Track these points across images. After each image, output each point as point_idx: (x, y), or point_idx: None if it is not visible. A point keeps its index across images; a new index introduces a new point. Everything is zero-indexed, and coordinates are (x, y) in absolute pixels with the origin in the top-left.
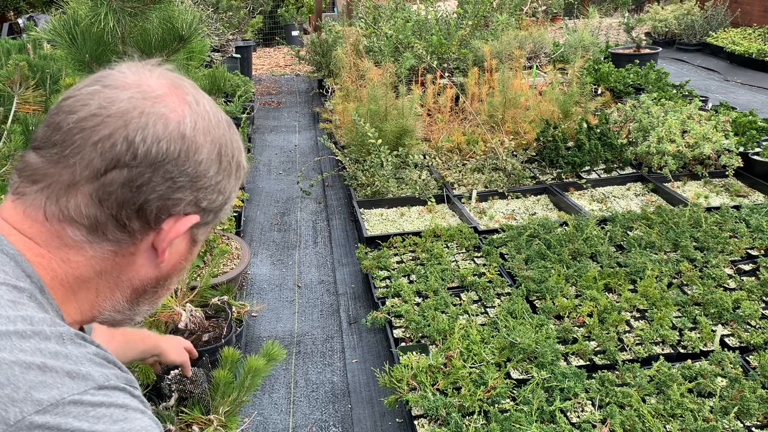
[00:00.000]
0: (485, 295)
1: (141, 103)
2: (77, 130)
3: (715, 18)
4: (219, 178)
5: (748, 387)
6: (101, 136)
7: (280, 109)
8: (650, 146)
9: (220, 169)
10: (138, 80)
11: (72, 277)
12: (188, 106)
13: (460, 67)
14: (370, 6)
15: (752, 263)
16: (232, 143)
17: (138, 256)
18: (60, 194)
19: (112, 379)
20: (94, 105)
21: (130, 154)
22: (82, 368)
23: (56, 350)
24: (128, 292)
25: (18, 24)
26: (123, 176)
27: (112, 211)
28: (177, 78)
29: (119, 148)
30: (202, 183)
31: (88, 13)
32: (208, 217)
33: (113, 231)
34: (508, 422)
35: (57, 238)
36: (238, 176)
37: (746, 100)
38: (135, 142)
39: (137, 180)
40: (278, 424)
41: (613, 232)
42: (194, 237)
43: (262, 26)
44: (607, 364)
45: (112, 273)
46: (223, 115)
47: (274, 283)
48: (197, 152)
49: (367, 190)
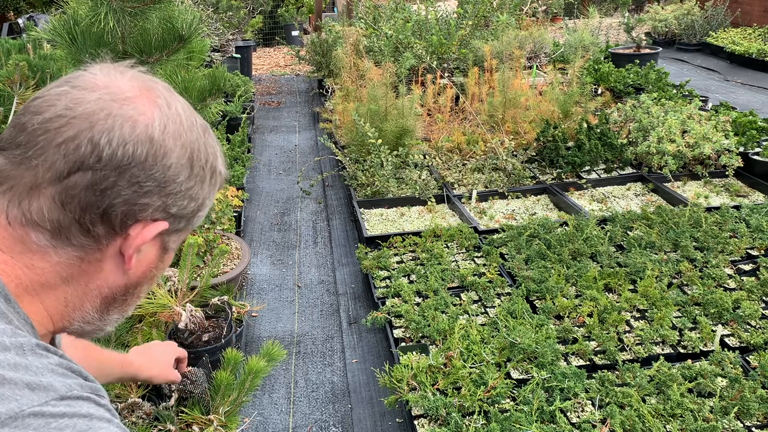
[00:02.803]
0: (485, 295)
1: (108, 105)
2: (41, 131)
3: (715, 18)
4: (190, 184)
5: (748, 387)
6: (65, 137)
7: (280, 109)
8: (650, 146)
9: (192, 175)
10: (108, 82)
11: (37, 284)
12: (158, 108)
13: (460, 67)
14: (370, 6)
15: (752, 263)
16: (207, 148)
17: (105, 263)
18: (22, 197)
19: (75, 389)
20: (60, 106)
21: (94, 157)
22: (42, 379)
23: (16, 361)
24: (97, 302)
25: (18, 24)
26: (87, 179)
27: (75, 215)
28: (150, 80)
29: (83, 150)
30: (171, 188)
31: (88, 13)
32: (179, 224)
33: (77, 236)
34: (508, 422)
35: (20, 243)
36: (213, 182)
37: (746, 100)
38: (100, 145)
39: (101, 183)
40: (278, 424)
41: (613, 232)
42: (165, 244)
43: (262, 26)
44: (607, 364)
45: (79, 281)
46: (199, 119)
47: (274, 283)
48: (166, 156)
49: (367, 190)
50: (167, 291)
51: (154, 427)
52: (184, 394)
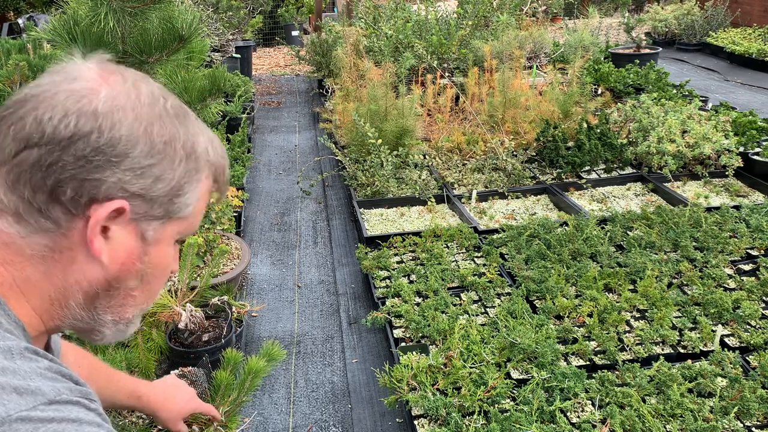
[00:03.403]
0: (485, 295)
1: (59, 85)
2: (3, 117)
3: (715, 18)
4: (151, 161)
5: (748, 387)
6: (16, 118)
7: (280, 109)
8: (650, 146)
9: (152, 151)
10: (70, 67)
11: (20, 280)
12: (109, 84)
13: (460, 67)
14: (370, 6)
15: (752, 263)
16: (175, 128)
17: (75, 252)
18: None
19: (64, 393)
20: (21, 95)
21: (38, 133)
22: (31, 383)
23: (3, 366)
24: (80, 298)
25: (18, 24)
26: (32, 156)
27: (28, 194)
28: (117, 67)
29: (29, 128)
30: (126, 164)
31: (88, 13)
32: (152, 209)
33: (36, 218)
34: (508, 422)
35: None
36: (192, 166)
37: (746, 100)
38: (43, 121)
39: (46, 159)
40: (278, 424)
41: (613, 232)
42: (143, 233)
43: (262, 26)
44: (607, 364)
45: (56, 273)
46: (173, 102)
47: (274, 283)
48: (114, 128)
49: (367, 190)
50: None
51: (154, 427)
52: None
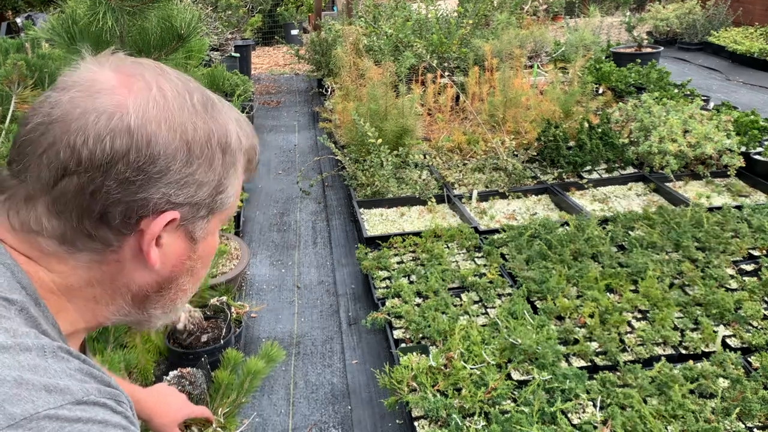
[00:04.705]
0: (486, 296)
1: (82, 102)
2: (27, 143)
3: (717, 17)
4: (191, 169)
5: (749, 388)
6: (46, 145)
7: (279, 109)
8: (652, 146)
9: (191, 158)
10: (85, 76)
11: (61, 286)
12: (134, 93)
13: (461, 66)
14: (370, 4)
15: (754, 263)
16: (208, 125)
17: (124, 262)
18: (20, 207)
19: (92, 394)
20: (41, 113)
21: (74, 160)
22: (60, 382)
23: (35, 363)
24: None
25: (16, 23)
26: (74, 185)
27: (74, 222)
28: (132, 65)
29: (63, 155)
30: (168, 177)
31: (86, 12)
32: (197, 212)
33: (83, 241)
34: (509, 423)
35: (35, 249)
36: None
37: (748, 100)
38: (77, 146)
39: (89, 186)
40: (278, 426)
41: (614, 232)
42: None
43: (262, 25)
44: (608, 365)
45: (103, 281)
46: (197, 95)
47: (273, 283)
48: (150, 144)
49: (367, 190)
50: None
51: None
52: None
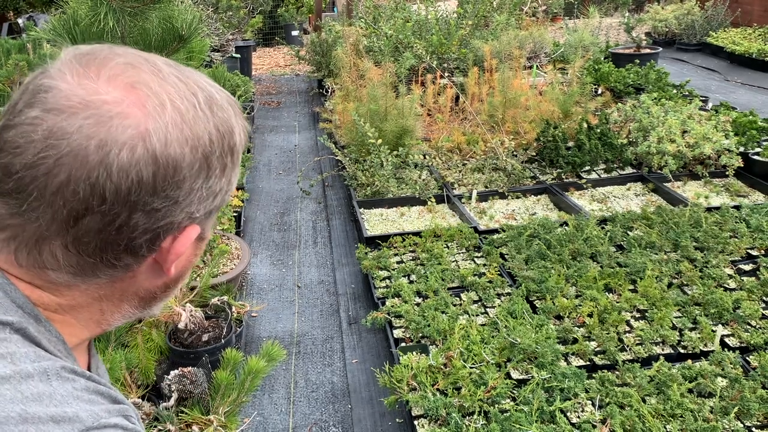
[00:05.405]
0: (485, 295)
1: (95, 131)
2: (29, 178)
3: (716, 18)
4: (210, 183)
5: (748, 387)
6: (59, 183)
7: (279, 109)
8: (650, 146)
9: (210, 174)
10: (84, 95)
11: (67, 306)
12: (152, 116)
13: (460, 66)
14: (370, 6)
15: (752, 263)
16: (218, 129)
17: (139, 276)
18: (30, 247)
19: (102, 417)
20: (39, 142)
21: (97, 198)
22: (68, 409)
23: (39, 391)
24: (135, 302)
25: (18, 24)
26: (96, 222)
27: (95, 258)
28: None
29: (83, 194)
30: (191, 197)
31: (87, 12)
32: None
33: (102, 270)
34: (508, 422)
35: (40, 279)
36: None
37: (746, 100)
38: (99, 183)
39: (114, 222)
40: (278, 425)
41: (613, 232)
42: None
43: (262, 26)
44: (607, 365)
45: (113, 295)
46: (200, 95)
47: (273, 283)
48: (177, 169)
49: (367, 190)
50: None
51: (154, 427)
52: (184, 394)
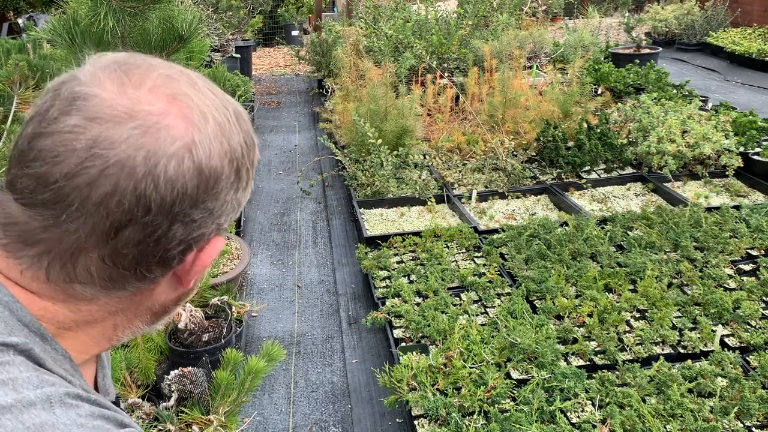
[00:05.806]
0: (485, 295)
1: (143, 142)
2: (70, 188)
3: (716, 18)
4: (239, 194)
5: (748, 387)
6: (103, 194)
7: (279, 109)
8: (650, 146)
9: (239, 185)
10: (129, 105)
11: (82, 322)
12: (197, 128)
13: (460, 67)
14: (370, 6)
15: (752, 263)
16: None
17: (157, 289)
18: (64, 260)
19: None
20: (82, 151)
21: (142, 209)
22: None
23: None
24: (148, 317)
25: (18, 24)
26: (137, 234)
27: (129, 269)
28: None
29: (128, 204)
30: (222, 209)
31: (87, 12)
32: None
33: (131, 282)
34: (508, 422)
35: (63, 293)
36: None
37: (746, 100)
38: (146, 194)
39: (155, 233)
40: (278, 424)
41: (613, 232)
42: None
43: (262, 26)
44: (607, 364)
45: (129, 309)
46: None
47: (274, 283)
48: (216, 181)
49: (367, 190)
50: None
51: (154, 427)
52: (184, 394)
